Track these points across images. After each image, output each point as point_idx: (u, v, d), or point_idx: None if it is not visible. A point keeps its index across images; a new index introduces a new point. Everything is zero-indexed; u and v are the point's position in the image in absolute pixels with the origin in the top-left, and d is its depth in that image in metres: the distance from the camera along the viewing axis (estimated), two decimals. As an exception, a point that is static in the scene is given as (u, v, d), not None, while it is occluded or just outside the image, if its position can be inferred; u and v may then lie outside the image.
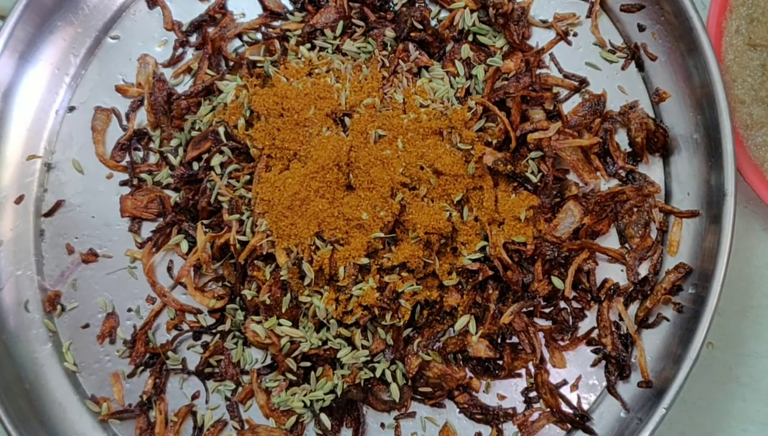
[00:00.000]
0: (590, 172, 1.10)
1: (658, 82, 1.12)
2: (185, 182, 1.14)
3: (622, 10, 1.12)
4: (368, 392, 1.07)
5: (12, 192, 1.17)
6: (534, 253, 1.06)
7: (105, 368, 1.13)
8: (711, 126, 1.05)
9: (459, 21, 1.12)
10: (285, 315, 1.05)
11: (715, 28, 1.12)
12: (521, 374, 1.08)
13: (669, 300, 1.06)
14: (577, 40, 1.14)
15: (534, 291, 1.07)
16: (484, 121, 1.08)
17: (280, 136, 1.06)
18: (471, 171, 1.05)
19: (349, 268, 1.02)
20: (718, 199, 1.03)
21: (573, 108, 1.12)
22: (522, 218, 1.06)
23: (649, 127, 1.09)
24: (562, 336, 1.08)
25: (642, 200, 1.09)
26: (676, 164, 1.10)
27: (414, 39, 1.12)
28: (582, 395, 1.08)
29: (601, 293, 1.08)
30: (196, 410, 1.11)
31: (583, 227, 1.08)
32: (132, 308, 1.14)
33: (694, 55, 1.05)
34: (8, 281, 1.15)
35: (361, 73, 1.10)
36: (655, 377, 1.05)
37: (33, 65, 1.19)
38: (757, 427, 1.15)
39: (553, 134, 1.08)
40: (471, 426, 1.08)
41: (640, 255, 1.09)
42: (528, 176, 1.07)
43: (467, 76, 1.11)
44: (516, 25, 1.11)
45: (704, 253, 1.05)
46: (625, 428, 1.04)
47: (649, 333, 1.08)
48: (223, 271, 1.11)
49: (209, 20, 1.20)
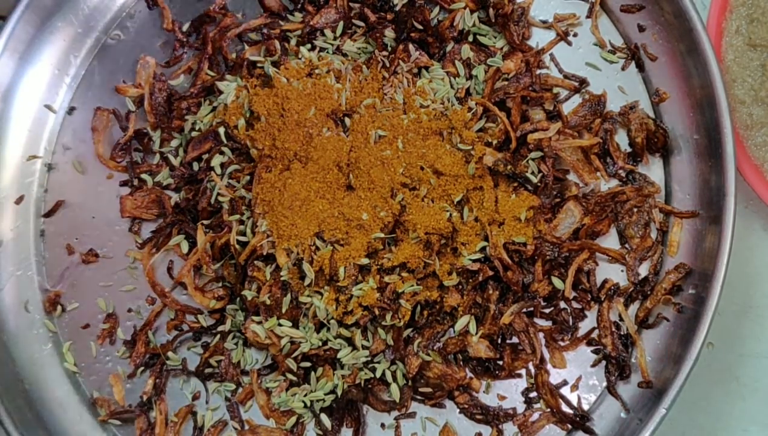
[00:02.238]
0: (590, 172, 1.10)
1: (658, 83, 1.12)
2: (185, 183, 1.14)
3: (622, 10, 1.12)
4: (368, 392, 1.07)
5: (12, 192, 1.17)
6: (534, 253, 1.06)
7: (105, 369, 1.13)
8: (711, 126, 1.05)
9: (459, 21, 1.12)
10: (285, 315, 1.05)
11: (715, 28, 1.12)
12: (521, 375, 1.08)
13: (669, 300, 1.06)
14: (577, 40, 1.14)
15: (534, 291, 1.07)
16: (484, 122, 1.09)
17: (281, 136, 1.06)
18: (471, 171, 1.05)
19: (350, 268, 1.02)
20: (718, 200, 1.03)
21: (573, 108, 1.12)
22: (522, 219, 1.06)
23: (649, 128, 1.09)
24: (562, 336, 1.08)
25: (642, 201, 1.09)
26: (676, 164, 1.10)
27: (414, 39, 1.12)
28: (582, 396, 1.08)
29: (601, 294, 1.08)
30: (196, 411, 1.11)
31: (583, 227, 1.08)
32: (132, 309, 1.14)
33: (694, 55, 1.05)
34: (8, 281, 1.15)
35: (361, 74, 1.10)
36: (655, 377, 1.05)
37: (33, 66, 1.19)
38: (757, 427, 1.15)
39: (553, 135, 1.08)
40: (471, 426, 1.08)
41: (640, 255, 1.09)
42: (528, 177, 1.07)
43: (467, 76, 1.11)
44: (516, 26, 1.11)
45: (704, 253, 1.05)
46: (625, 429, 1.04)
47: (649, 333, 1.08)
48: (223, 271, 1.10)
49: (209, 20, 1.20)
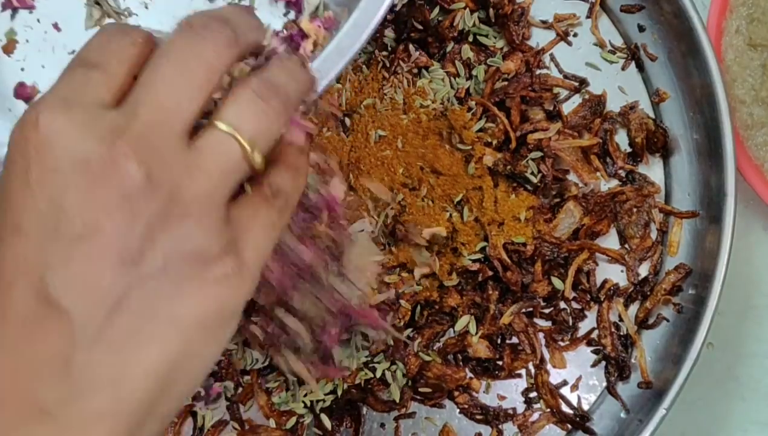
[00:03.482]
0: (590, 172, 1.10)
1: (658, 83, 1.12)
2: (185, 183, 1.14)
3: (622, 10, 1.12)
4: (368, 392, 1.07)
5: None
6: (534, 253, 1.06)
7: (105, 369, 1.13)
8: (711, 126, 1.05)
9: (459, 21, 1.12)
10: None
11: (715, 28, 1.12)
12: (521, 375, 1.08)
13: (669, 301, 1.06)
14: (577, 40, 1.14)
15: (534, 292, 1.06)
16: (484, 122, 1.08)
17: (280, 136, 1.06)
18: (471, 172, 1.05)
19: (349, 268, 1.02)
20: (718, 200, 1.03)
21: (573, 108, 1.12)
22: (522, 219, 1.06)
23: (649, 128, 1.09)
24: (562, 336, 1.08)
25: (642, 201, 1.09)
26: (676, 164, 1.10)
27: (414, 39, 1.12)
28: (582, 396, 1.08)
29: (601, 294, 1.08)
30: (196, 411, 1.11)
31: (583, 227, 1.08)
32: (132, 309, 1.14)
33: (694, 55, 1.05)
34: (8, 281, 1.15)
35: (361, 74, 1.10)
36: (655, 377, 1.05)
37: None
38: (757, 427, 1.15)
39: (553, 135, 1.08)
40: (471, 426, 1.08)
41: (640, 256, 1.08)
42: (528, 177, 1.07)
43: (467, 76, 1.11)
44: (516, 26, 1.11)
45: (704, 253, 1.05)
46: (625, 429, 1.04)
47: (649, 334, 1.08)
48: (223, 271, 1.10)
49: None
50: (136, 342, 0.53)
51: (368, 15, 0.77)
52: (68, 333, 0.51)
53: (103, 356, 0.52)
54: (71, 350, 0.51)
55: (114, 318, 0.52)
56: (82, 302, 0.52)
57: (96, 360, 0.52)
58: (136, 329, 0.53)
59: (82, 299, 0.52)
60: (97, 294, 0.52)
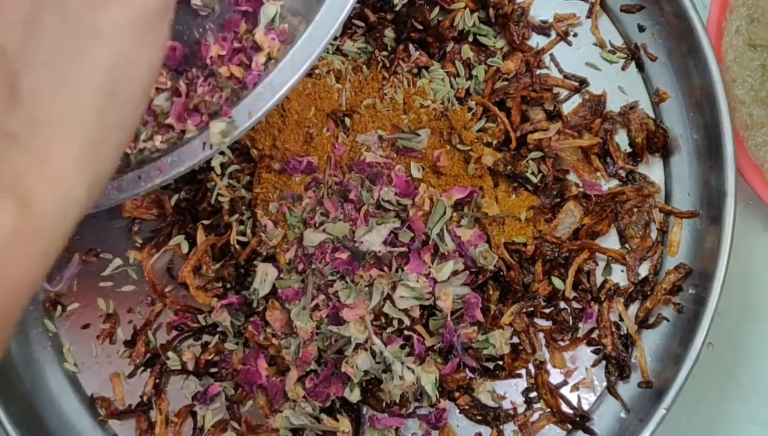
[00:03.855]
0: (590, 172, 1.10)
1: (658, 83, 1.12)
2: (185, 183, 1.14)
3: (622, 10, 1.12)
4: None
5: (12, 192, 1.17)
6: (534, 253, 1.06)
7: (105, 369, 1.13)
8: (711, 126, 1.05)
9: (459, 21, 1.11)
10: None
11: (715, 29, 1.12)
12: (521, 375, 1.08)
13: (669, 300, 1.06)
14: (577, 40, 1.14)
15: (534, 291, 1.06)
16: (484, 122, 1.08)
17: (281, 136, 1.06)
18: (471, 172, 1.05)
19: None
20: (718, 200, 1.03)
21: (573, 108, 1.12)
22: (522, 219, 1.06)
23: (649, 128, 1.09)
24: (562, 336, 1.08)
25: (642, 201, 1.09)
26: (676, 164, 1.10)
27: (414, 39, 1.12)
28: (582, 396, 1.08)
29: (601, 294, 1.08)
30: (197, 411, 1.11)
31: (583, 227, 1.08)
32: (132, 309, 1.14)
33: (694, 55, 1.05)
34: (8, 281, 1.14)
35: (361, 74, 1.10)
36: (655, 377, 1.05)
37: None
38: (757, 427, 1.15)
39: (553, 135, 1.08)
40: (471, 427, 1.08)
41: (641, 256, 1.08)
42: (528, 177, 1.07)
43: (467, 76, 1.11)
44: (516, 26, 1.11)
45: (704, 253, 1.05)
46: (625, 429, 1.04)
47: (649, 333, 1.08)
48: (224, 271, 1.10)
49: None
50: (67, 59, 0.59)
51: (325, 27, 0.78)
52: (5, 63, 0.59)
53: (43, 76, 0.59)
54: (14, 77, 0.59)
55: (40, 41, 0.59)
56: (6, 30, 0.60)
57: (37, 82, 0.59)
58: (61, 47, 0.59)
59: (6, 29, 0.60)
60: (15, 17, 0.60)
